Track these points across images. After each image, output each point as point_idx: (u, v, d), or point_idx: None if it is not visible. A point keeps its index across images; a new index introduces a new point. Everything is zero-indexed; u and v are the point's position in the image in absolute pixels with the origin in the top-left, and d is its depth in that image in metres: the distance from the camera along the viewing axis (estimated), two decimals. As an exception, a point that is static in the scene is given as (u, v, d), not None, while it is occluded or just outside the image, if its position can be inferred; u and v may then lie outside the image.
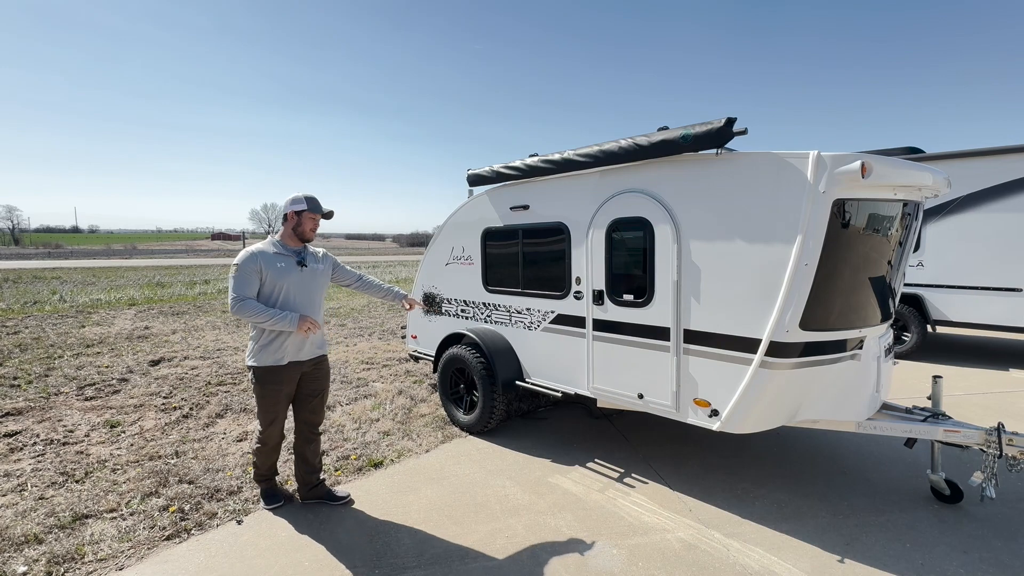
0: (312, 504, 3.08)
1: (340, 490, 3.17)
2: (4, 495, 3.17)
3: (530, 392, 3.98)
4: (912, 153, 5.82)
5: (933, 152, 6.18)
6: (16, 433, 4.17)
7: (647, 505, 3.07)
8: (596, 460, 3.68)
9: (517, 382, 4.01)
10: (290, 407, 3.02)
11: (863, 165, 2.40)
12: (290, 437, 3.18)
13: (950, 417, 3.05)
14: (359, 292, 3.25)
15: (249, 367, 2.85)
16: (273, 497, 3.07)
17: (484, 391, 3.99)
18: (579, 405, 4.61)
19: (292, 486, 3.26)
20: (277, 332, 2.79)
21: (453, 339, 4.43)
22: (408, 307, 3.29)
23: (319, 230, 3.02)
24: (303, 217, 2.88)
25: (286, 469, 3.49)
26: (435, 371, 4.57)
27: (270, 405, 2.87)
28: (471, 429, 4.17)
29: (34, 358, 6.67)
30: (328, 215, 2.98)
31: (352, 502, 3.11)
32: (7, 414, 4.58)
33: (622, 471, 3.51)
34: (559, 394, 3.76)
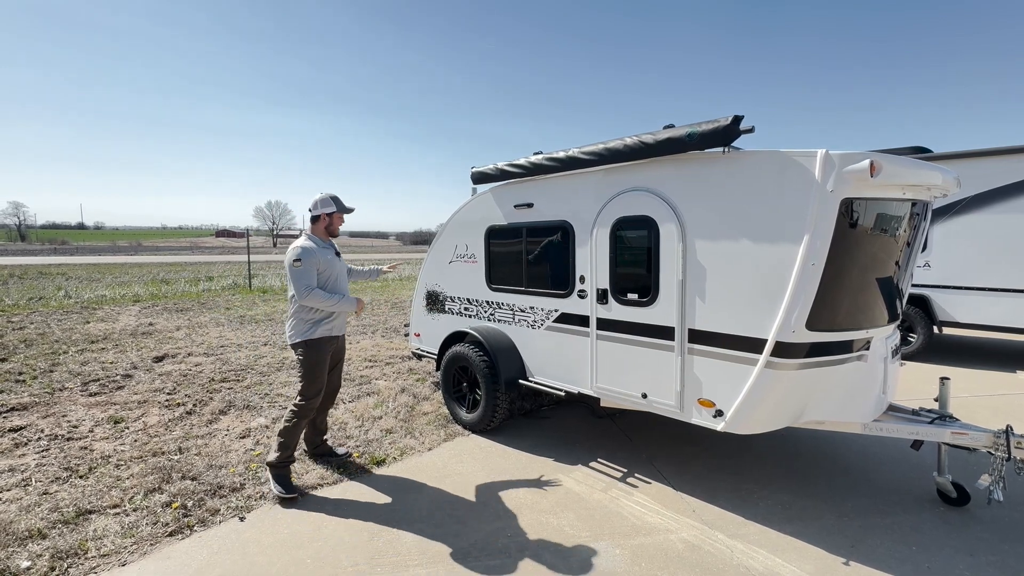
0: (315, 501, 3.08)
1: (339, 450, 3.68)
2: (8, 490, 3.19)
3: (533, 391, 3.97)
4: (920, 152, 5.77)
5: (941, 152, 6.13)
6: (21, 428, 4.18)
7: (650, 505, 3.06)
8: (599, 459, 3.67)
9: (520, 381, 4.00)
10: None
11: (872, 164, 2.38)
12: None
13: (957, 419, 3.02)
14: (352, 281, 3.86)
15: (298, 343, 3.21)
16: (289, 486, 3.12)
17: (487, 389, 3.98)
18: (582, 404, 4.60)
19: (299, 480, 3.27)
20: (324, 312, 3.23)
21: (456, 337, 4.42)
22: (389, 268, 4.00)
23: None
24: (333, 217, 3.34)
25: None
26: (438, 369, 4.57)
27: (319, 374, 3.25)
28: (474, 428, 4.16)
29: (39, 354, 6.70)
30: (351, 211, 3.45)
31: (351, 455, 3.65)
32: (12, 409, 4.60)
33: (625, 471, 3.50)
34: (562, 393, 3.74)
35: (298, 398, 3.22)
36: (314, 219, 3.35)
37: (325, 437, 3.66)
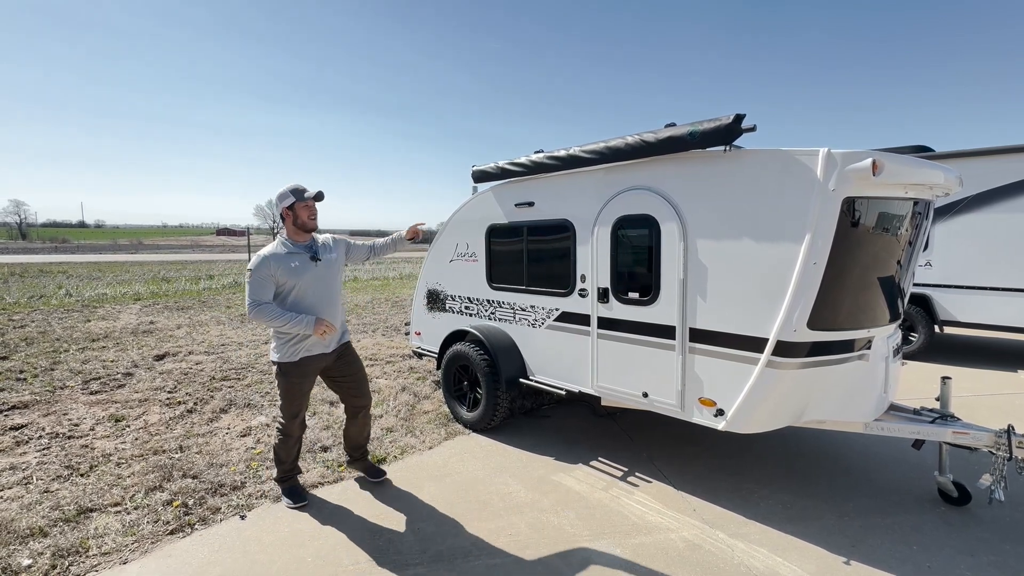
0: (315, 500, 3.09)
1: (377, 467, 3.34)
2: (10, 488, 3.19)
3: (534, 390, 3.97)
4: (922, 151, 5.75)
5: (943, 151, 6.12)
6: (22, 426, 4.19)
7: (651, 504, 3.05)
8: (599, 459, 3.67)
9: (521, 380, 4.00)
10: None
11: (874, 163, 2.37)
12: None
13: (959, 419, 3.02)
14: (379, 259, 3.42)
15: (273, 362, 2.92)
16: (298, 495, 3.04)
17: (487, 388, 3.98)
18: (583, 403, 4.60)
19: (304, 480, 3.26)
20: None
21: (457, 336, 4.42)
22: (412, 236, 3.44)
23: (334, 227, 3.08)
24: (296, 209, 2.87)
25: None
26: (438, 368, 4.56)
27: (294, 398, 2.95)
28: (474, 426, 4.16)
29: (40, 352, 6.71)
30: (318, 197, 2.91)
31: (387, 479, 3.32)
32: (13, 407, 4.61)
33: (626, 470, 3.50)
34: (563, 392, 3.74)
35: (279, 414, 3.02)
36: (283, 219, 2.93)
37: (365, 450, 3.35)
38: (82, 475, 3.37)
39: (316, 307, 2.89)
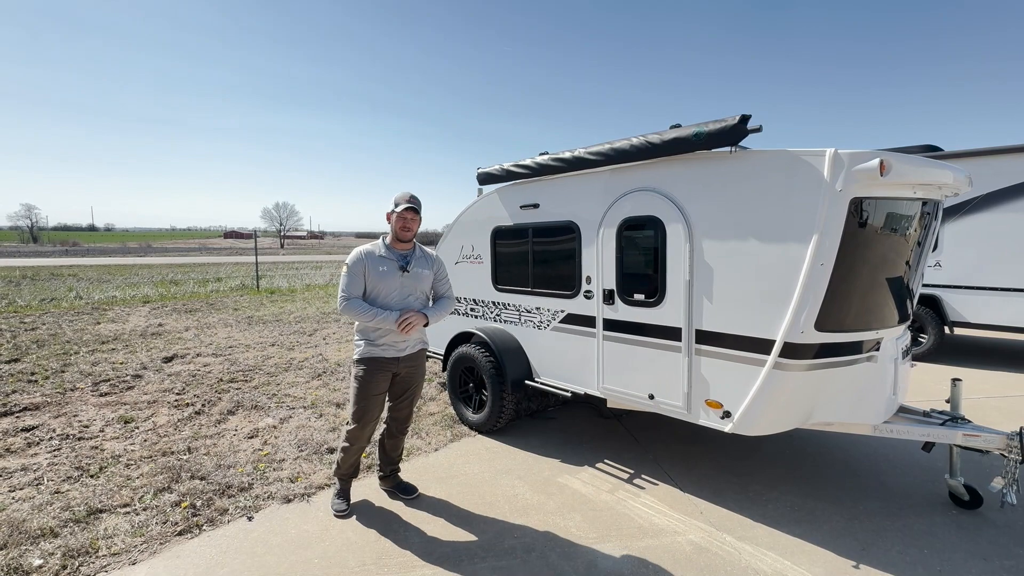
0: (322, 501, 3.09)
1: (409, 484, 3.22)
2: (21, 489, 3.22)
3: (539, 392, 3.96)
4: (930, 151, 5.70)
5: (952, 150, 6.06)
6: (33, 428, 4.23)
7: (657, 507, 3.04)
8: (605, 460, 3.66)
9: (526, 381, 3.99)
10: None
11: (882, 163, 2.35)
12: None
13: (969, 421, 2.98)
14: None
15: (354, 361, 2.93)
16: (344, 503, 3.01)
17: (493, 390, 3.98)
18: (588, 405, 4.58)
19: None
20: (378, 329, 2.85)
21: (462, 338, 4.42)
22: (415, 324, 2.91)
23: (339, 229, 2.99)
24: (392, 217, 2.89)
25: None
26: (444, 370, 4.57)
27: (364, 398, 2.89)
28: (480, 428, 4.16)
29: (51, 354, 6.78)
30: (409, 208, 2.84)
31: (418, 496, 3.17)
32: (24, 409, 4.66)
33: (632, 472, 3.48)
34: (568, 394, 3.74)
35: (347, 419, 2.99)
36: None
37: (397, 468, 3.25)
38: (92, 476, 3.41)
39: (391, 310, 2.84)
